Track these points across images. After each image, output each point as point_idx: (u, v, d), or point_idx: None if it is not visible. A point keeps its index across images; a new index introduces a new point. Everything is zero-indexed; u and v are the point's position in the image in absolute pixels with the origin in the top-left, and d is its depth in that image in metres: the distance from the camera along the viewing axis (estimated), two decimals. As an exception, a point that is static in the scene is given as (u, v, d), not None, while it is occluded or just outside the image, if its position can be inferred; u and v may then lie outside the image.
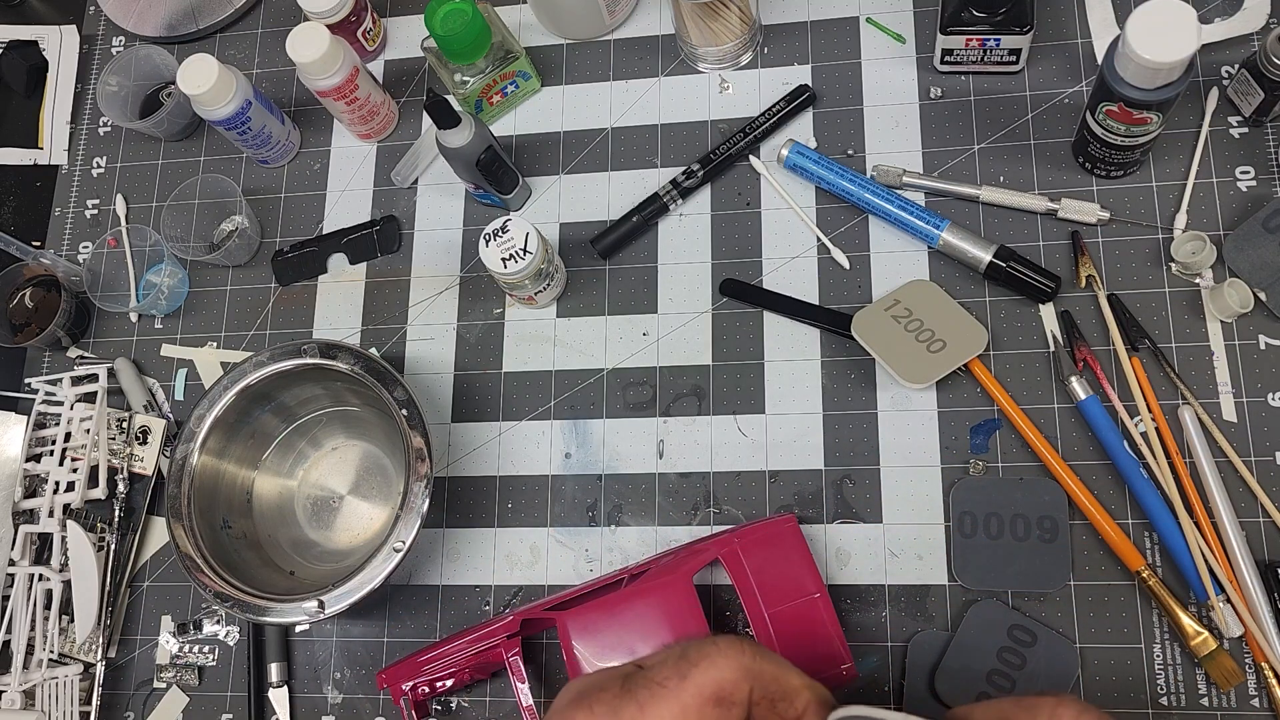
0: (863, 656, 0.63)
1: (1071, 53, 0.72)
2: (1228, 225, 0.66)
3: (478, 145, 0.69)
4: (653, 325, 0.72)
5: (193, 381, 0.78)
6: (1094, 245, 0.67)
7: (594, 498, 0.70)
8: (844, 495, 0.67)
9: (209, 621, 0.72)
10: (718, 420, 0.70)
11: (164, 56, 0.83)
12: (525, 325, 0.74)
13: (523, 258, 0.66)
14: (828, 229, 0.72)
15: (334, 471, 0.74)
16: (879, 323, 0.66)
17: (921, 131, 0.72)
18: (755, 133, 0.73)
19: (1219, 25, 0.69)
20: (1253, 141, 0.68)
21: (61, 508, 0.73)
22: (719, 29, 0.72)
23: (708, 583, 0.66)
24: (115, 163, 0.86)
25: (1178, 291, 0.66)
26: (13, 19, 0.92)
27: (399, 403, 0.65)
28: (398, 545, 0.62)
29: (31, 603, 0.71)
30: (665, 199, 0.73)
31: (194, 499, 0.67)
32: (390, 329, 0.76)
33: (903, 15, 0.75)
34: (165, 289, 0.78)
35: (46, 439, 0.76)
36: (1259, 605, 0.58)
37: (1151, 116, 0.60)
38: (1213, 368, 0.64)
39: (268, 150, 0.80)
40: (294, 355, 0.69)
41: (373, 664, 0.69)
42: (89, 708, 0.70)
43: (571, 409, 0.72)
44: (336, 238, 0.79)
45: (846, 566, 0.65)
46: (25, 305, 0.80)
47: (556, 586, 0.69)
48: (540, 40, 0.81)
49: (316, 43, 0.71)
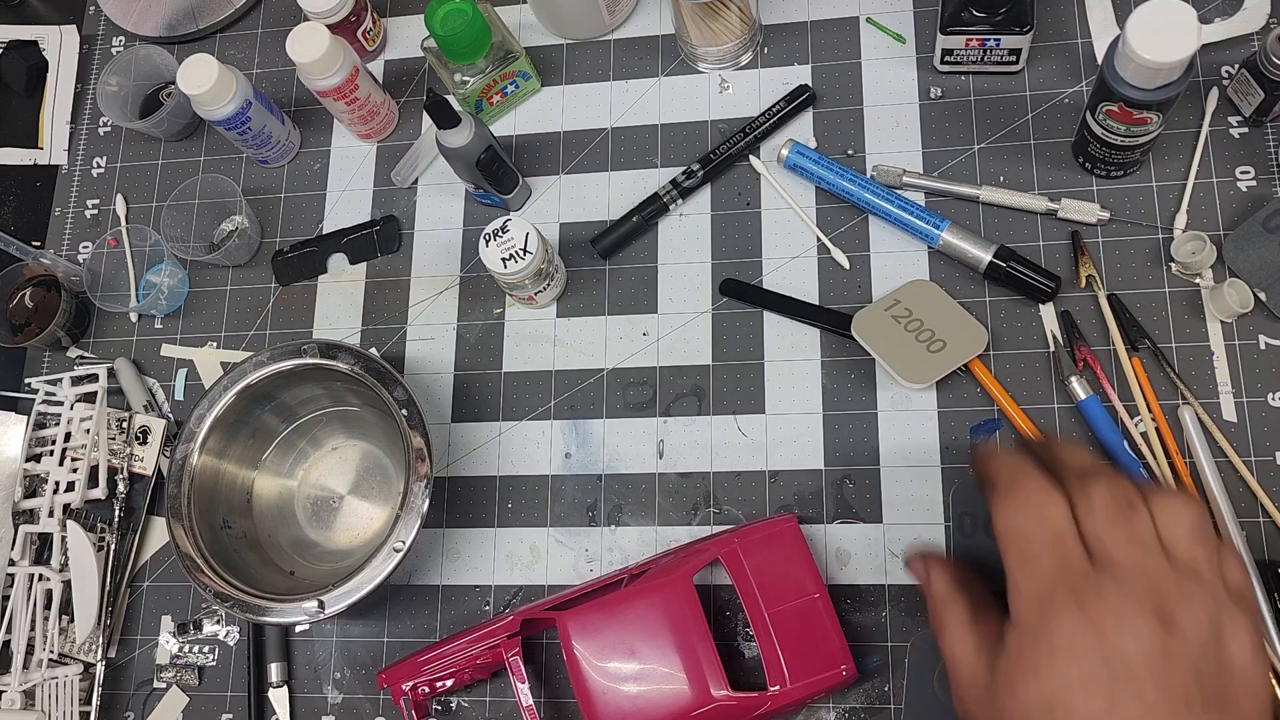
0: (863, 656, 0.63)
1: (1071, 53, 0.72)
2: (1228, 225, 0.66)
3: (478, 145, 0.69)
4: (653, 325, 0.72)
5: (193, 381, 0.78)
6: (1094, 245, 0.67)
7: (594, 498, 0.70)
8: (844, 495, 0.67)
9: (209, 621, 0.72)
10: (718, 420, 0.70)
11: (164, 56, 0.83)
12: (525, 325, 0.74)
13: (523, 258, 0.66)
14: (828, 229, 0.72)
15: (334, 471, 0.74)
16: (879, 323, 0.66)
17: (921, 131, 0.72)
18: (755, 133, 0.73)
19: (1219, 25, 0.69)
20: (1253, 141, 0.68)
21: (61, 508, 0.73)
22: (719, 29, 0.72)
23: (708, 583, 0.66)
24: (115, 163, 0.86)
25: (1178, 291, 0.66)
26: (13, 19, 0.92)
27: (399, 403, 0.65)
28: (398, 545, 0.62)
29: (31, 603, 0.71)
30: (665, 199, 0.73)
31: (194, 499, 0.67)
32: (390, 329, 0.76)
33: (903, 15, 0.75)
34: (165, 289, 0.78)
35: (46, 439, 0.76)
36: (1259, 605, 0.58)
37: (1151, 116, 0.60)
38: (1213, 368, 0.64)
39: (268, 150, 0.80)
40: (294, 355, 0.69)
41: (373, 664, 0.69)
42: (89, 708, 0.70)
43: (571, 409, 0.72)
44: (336, 238, 0.79)
45: (846, 566, 0.65)
46: (25, 305, 0.80)
47: (556, 586, 0.69)
48: (540, 40, 0.81)
49: (316, 43, 0.71)
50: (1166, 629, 0.41)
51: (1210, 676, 0.42)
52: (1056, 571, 0.43)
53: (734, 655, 0.65)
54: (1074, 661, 0.42)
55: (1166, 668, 0.41)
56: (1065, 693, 0.42)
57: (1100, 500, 0.45)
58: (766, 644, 0.59)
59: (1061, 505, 0.45)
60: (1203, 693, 0.41)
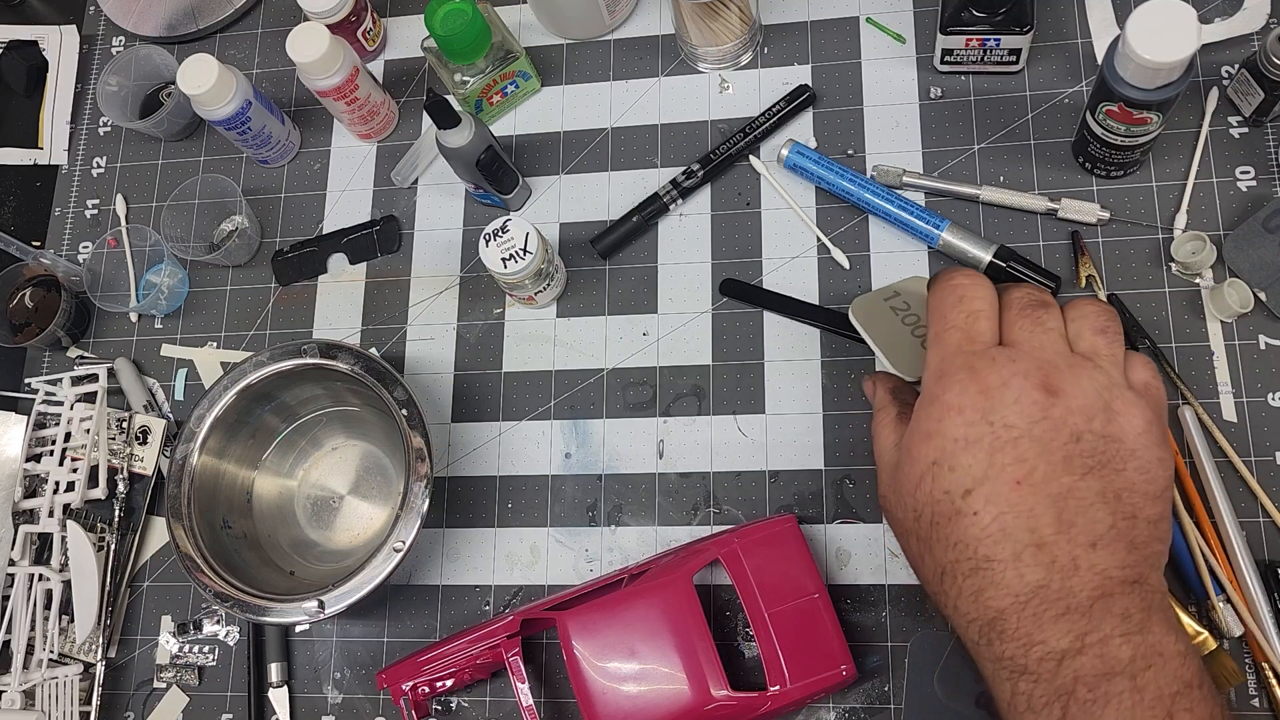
0: (863, 656, 0.63)
1: (1071, 53, 0.72)
2: (1228, 225, 0.66)
3: (478, 145, 0.69)
4: (653, 325, 0.72)
5: (193, 381, 0.78)
6: (1094, 245, 0.67)
7: (594, 498, 0.70)
8: (844, 495, 0.67)
9: (209, 621, 0.72)
10: (718, 420, 0.70)
11: (164, 56, 0.83)
12: (525, 325, 0.74)
13: (523, 258, 0.66)
14: (828, 229, 0.72)
15: (334, 471, 0.74)
16: (877, 311, 0.64)
17: (921, 131, 0.72)
18: (755, 133, 0.73)
19: (1219, 25, 0.69)
20: (1253, 141, 0.68)
21: (61, 508, 0.73)
22: (719, 29, 0.72)
23: (708, 583, 0.66)
24: (115, 163, 0.86)
25: (1178, 291, 0.66)
26: (13, 19, 0.92)
27: (399, 403, 0.65)
28: (398, 545, 0.62)
29: (31, 603, 0.71)
30: (665, 199, 0.73)
31: (194, 499, 0.67)
32: (390, 329, 0.76)
33: (903, 15, 0.75)
34: (165, 289, 0.78)
35: (46, 439, 0.76)
36: (1259, 605, 0.58)
37: (1151, 116, 0.60)
38: (1213, 368, 0.64)
39: (268, 150, 0.80)
40: (294, 355, 0.69)
41: (373, 664, 0.69)
42: (89, 708, 0.70)
43: (571, 409, 0.72)
44: (336, 238, 0.79)
45: (846, 566, 0.65)
46: (25, 305, 0.80)
47: (556, 586, 0.69)
48: (540, 40, 0.81)
49: (316, 43, 0.71)
50: (1050, 397, 0.45)
51: (1093, 444, 0.44)
52: (960, 345, 0.48)
53: (734, 655, 0.65)
54: (960, 420, 0.45)
55: (1047, 431, 0.44)
56: (950, 449, 0.45)
57: (1018, 295, 0.49)
58: (766, 644, 0.59)
59: (984, 294, 0.49)
60: (1083, 457, 0.44)
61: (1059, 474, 0.44)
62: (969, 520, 0.44)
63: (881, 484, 0.51)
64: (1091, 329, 0.48)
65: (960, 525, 0.45)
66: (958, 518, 0.45)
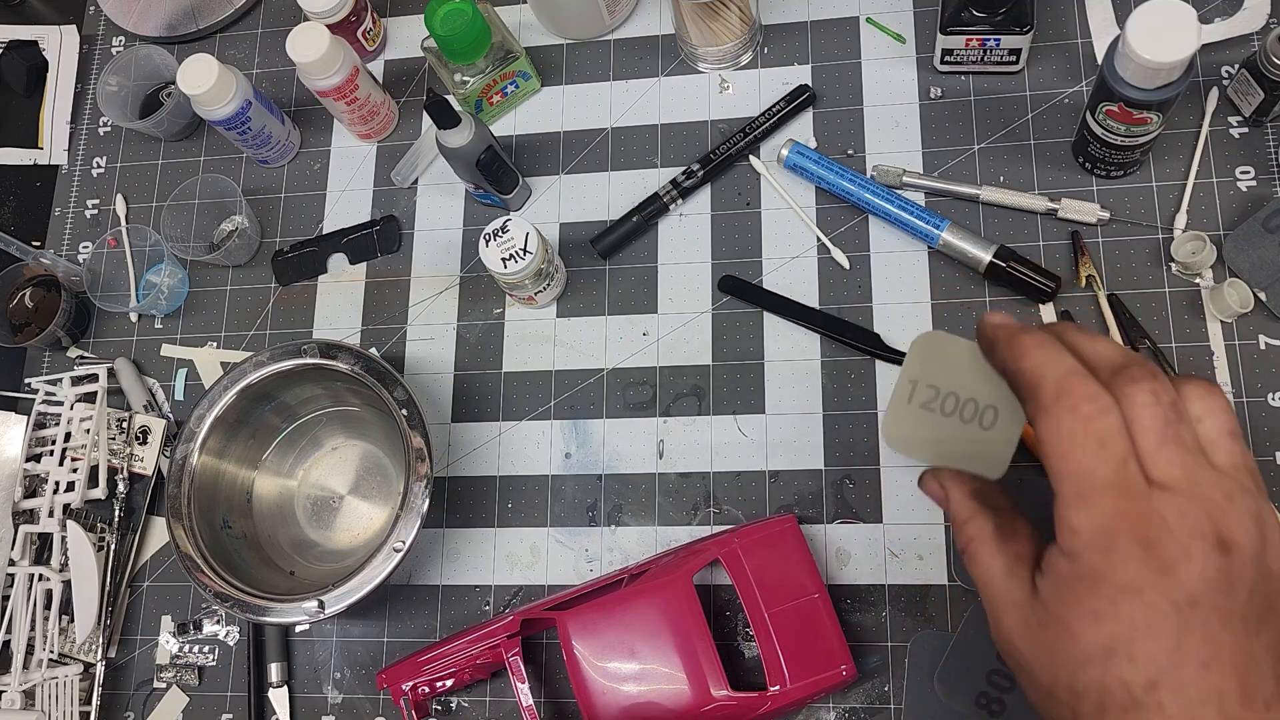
0: (863, 656, 0.63)
1: (1071, 53, 0.72)
2: (1228, 225, 0.66)
3: (478, 145, 0.69)
4: (653, 325, 0.72)
5: (193, 381, 0.78)
6: (1094, 245, 0.67)
7: (594, 498, 0.70)
8: (844, 495, 0.67)
9: (209, 621, 0.72)
10: (718, 420, 0.70)
11: (164, 56, 0.83)
12: (525, 325, 0.74)
13: (523, 258, 0.66)
14: (828, 229, 0.72)
15: (334, 471, 0.74)
16: (912, 424, 0.46)
17: (921, 131, 0.72)
18: (755, 133, 0.73)
19: (1219, 25, 0.69)
20: (1253, 141, 0.68)
21: (61, 508, 0.73)
22: (719, 29, 0.72)
23: (708, 583, 0.66)
24: (115, 163, 0.86)
25: (1178, 291, 0.66)
26: (13, 19, 0.92)
27: (399, 403, 0.65)
28: (398, 545, 0.62)
29: (31, 603, 0.71)
30: (665, 199, 0.73)
31: (194, 499, 0.67)
32: (390, 329, 0.76)
33: (903, 15, 0.75)
34: (165, 289, 0.78)
35: (46, 439, 0.76)
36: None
37: (1151, 116, 0.60)
38: (1213, 368, 0.64)
39: (268, 150, 0.80)
40: (294, 355, 0.69)
41: (373, 664, 0.69)
42: (89, 708, 0.70)
43: (571, 409, 0.72)
44: (336, 238, 0.79)
45: (846, 566, 0.65)
46: (25, 305, 0.80)
47: (556, 586, 0.69)
48: (540, 40, 0.81)
49: (316, 43, 0.71)
50: (1225, 553, 0.38)
51: (1262, 591, 0.39)
52: (1118, 506, 0.39)
53: (734, 655, 0.65)
54: (1139, 604, 0.39)
55: (1228, 595, 0.38)
56: (1129, 636, 0.39)
57: (1149, 413, 0.40)
58: (766, 644, 0.59)
59: (1117, 423, 0.40)
60: (1256, 610, 0.39)
61: (1241, 642, 0.39)
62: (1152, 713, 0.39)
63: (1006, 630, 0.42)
64: (1223, 431, 0.41)
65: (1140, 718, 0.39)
66: (1137, 710, 0.39)
